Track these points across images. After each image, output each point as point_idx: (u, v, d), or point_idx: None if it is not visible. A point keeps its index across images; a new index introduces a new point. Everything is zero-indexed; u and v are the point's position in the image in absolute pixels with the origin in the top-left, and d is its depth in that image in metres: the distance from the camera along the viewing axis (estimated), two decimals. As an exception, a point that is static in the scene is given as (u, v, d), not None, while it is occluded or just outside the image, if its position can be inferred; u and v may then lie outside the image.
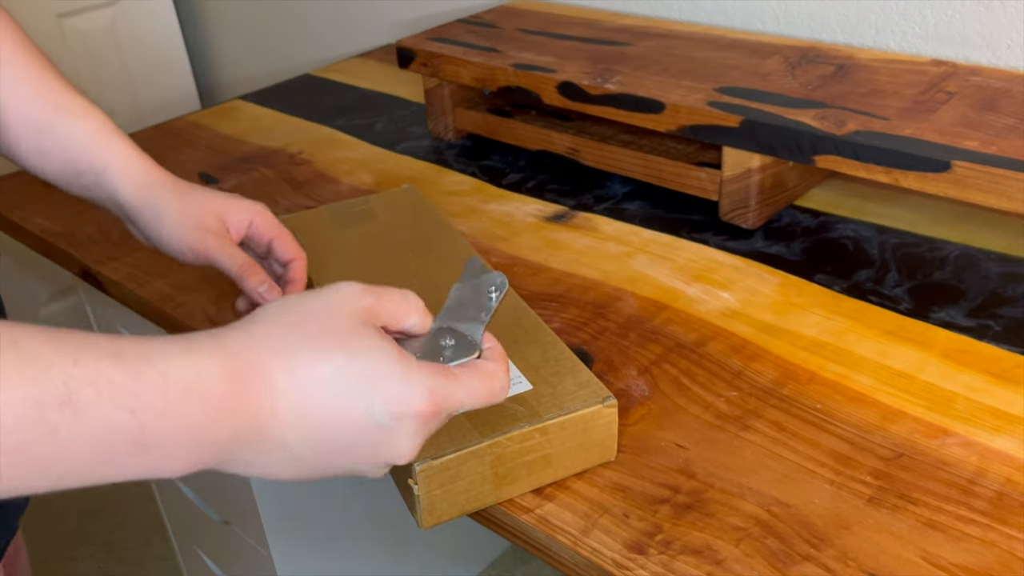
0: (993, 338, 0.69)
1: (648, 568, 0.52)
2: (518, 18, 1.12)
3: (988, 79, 0.84)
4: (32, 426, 0.31)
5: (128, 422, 0.33)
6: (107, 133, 0.64)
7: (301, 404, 0.38)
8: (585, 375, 0.59)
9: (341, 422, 0.38)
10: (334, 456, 0.39)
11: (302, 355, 0.38)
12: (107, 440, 0.33)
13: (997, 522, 0.53)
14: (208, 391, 0.35)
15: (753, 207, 0.84)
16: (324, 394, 0.38)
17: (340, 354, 0.38)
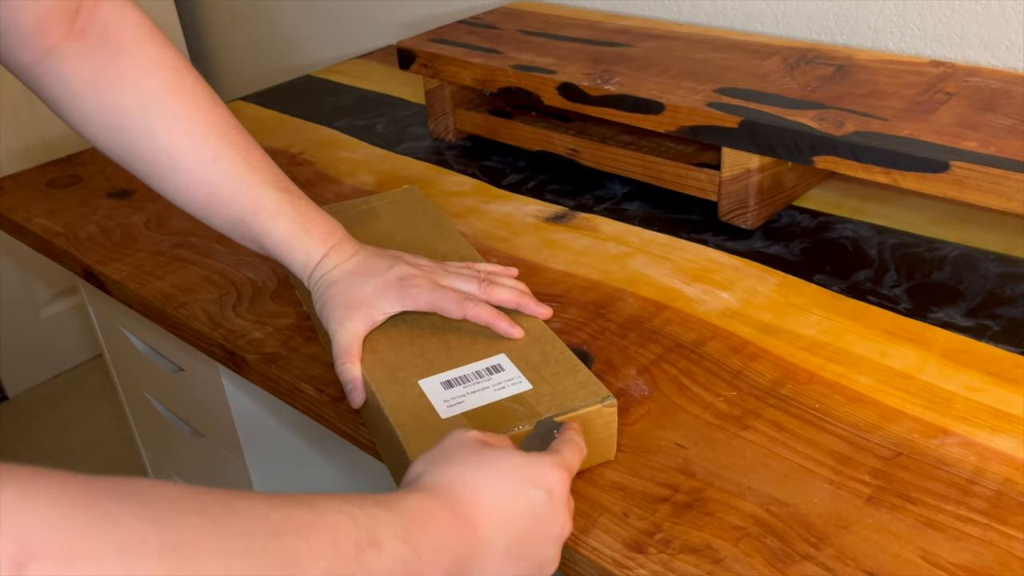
0: (992, 338, 0.69)
1: (648, 567, 0.52)
2: (518, 19, 1.12)
3: (987, 80, 0.84)
4: (356, 567, 0.39)
5: (405, 550, 0.41)
6: (292, 237, 0.67)
7: (492, 508, 0.47)
8: (584, 375, 0.60)
9: (519, 509, 0.48)
10: (526, 543, 0.47)
11: (477, 477, 0.47)
12: (393, 567, 0.40)
13: (996, 521, 0.54)
14: (439, 518, 0.44)
15: (752, 207, 0.84)
16: (502, 495, 0.47)
17: (496, 465, 0.48)
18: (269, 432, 0.97)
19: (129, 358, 1.07)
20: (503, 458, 0.49)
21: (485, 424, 0.56)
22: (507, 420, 0.56)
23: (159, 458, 1.18)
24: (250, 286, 0.82)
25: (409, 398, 0.59)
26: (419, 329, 0.66)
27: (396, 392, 0.60)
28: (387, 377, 0.61)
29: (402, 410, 0.58)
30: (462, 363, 0.62)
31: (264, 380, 0.73)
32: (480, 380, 0.61)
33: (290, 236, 0.67)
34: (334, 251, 0.68)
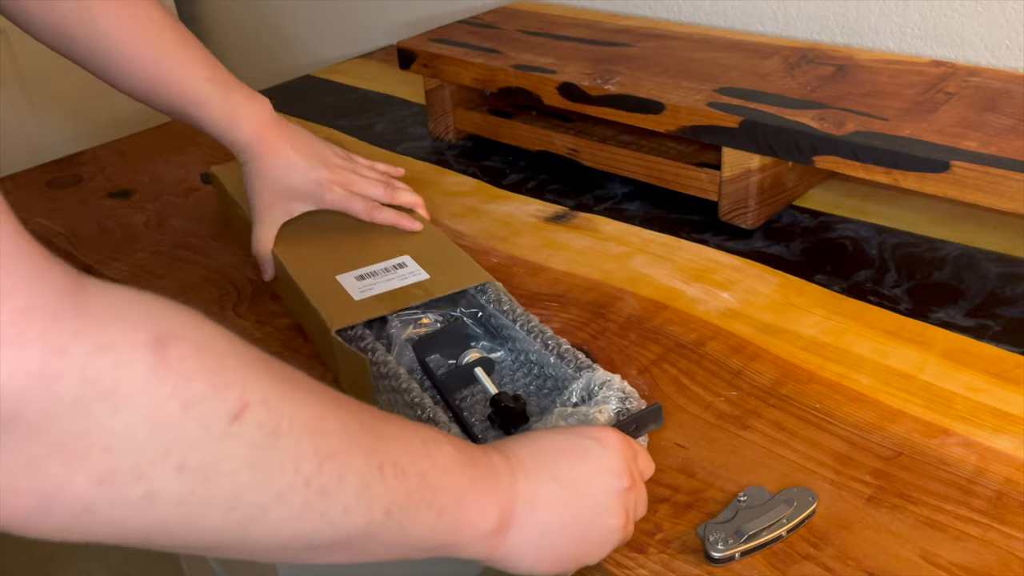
0: (992, 338, 0.69)
1: (648, 567, 0.52)
2: (518, 19, 1.12)
3: (987, 80, 0.84)
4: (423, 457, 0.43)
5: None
6: (222, 129, 0.76)
7: (540, 446, 0.49)
8: (469, 263, 0.73)
9: (570, 449, 0.49)
10: (579, 487, 0.48)
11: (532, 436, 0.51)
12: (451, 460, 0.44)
13: (996, 521, 0.54)
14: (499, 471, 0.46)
15: (752, 207, 0.84)
16: (553, 439, 0.50)
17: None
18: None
19: (129, 358, 1.07)
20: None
21: (391, 302, 0.68)
22: (408, 298, 0.69)
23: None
24: (250, 286, 0.82)
25: (328, 286, 0.71)
26: (334, 230, 0.79)
27: (317, 282, 0.72)
28: (309, 270, 0.74)
29: (324, 296, 0.70)
30: (372, 262, 0.74)
31: (264, 380, 0.73)
32: (387, 274, 0.73)
33: (220, 126, 0.75)
34: (259, 144, 0.76)
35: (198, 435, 0.32)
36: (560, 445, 0.49)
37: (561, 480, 0.47)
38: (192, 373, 0.32)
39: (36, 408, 0.29)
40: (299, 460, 0.36)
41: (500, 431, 0.61)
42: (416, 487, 0.41)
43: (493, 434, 0.61)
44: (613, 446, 0.49)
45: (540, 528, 0.46)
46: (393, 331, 0.69)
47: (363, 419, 0.40)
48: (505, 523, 0.45)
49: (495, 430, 0.61)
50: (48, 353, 0.29)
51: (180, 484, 0.32)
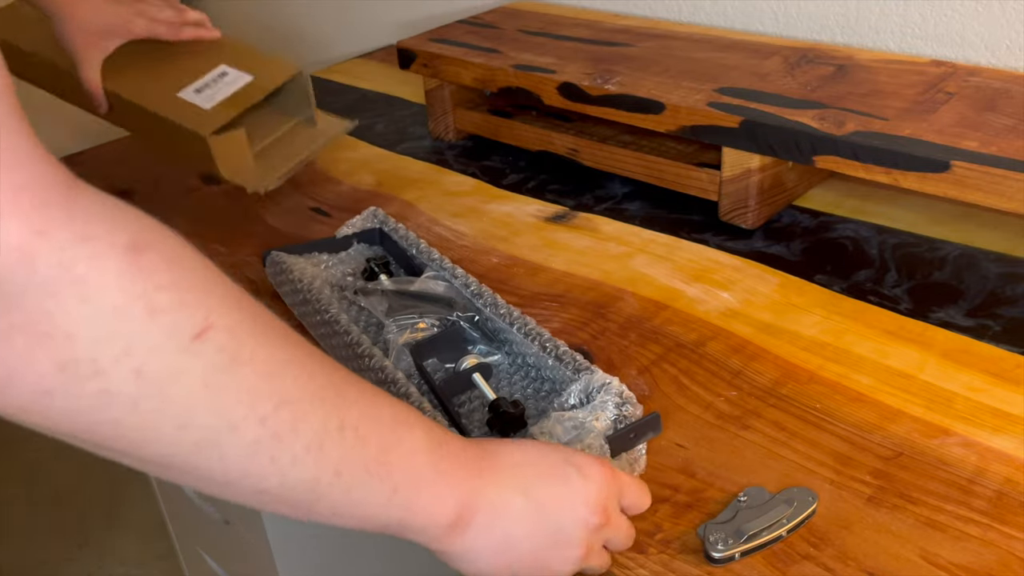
0: (992, 338, 0.69)
1: (648, 567, 0.52)
2: (518, 19, 1.12)
3: (987, 79, 0.84)
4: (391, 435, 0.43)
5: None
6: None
7: (521, 458, 0.48)
8: (282, 61, 0.93)
9: (549, 470, 0.48)
10: (547, 508, 0.47)
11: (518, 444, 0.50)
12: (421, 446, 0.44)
13: (997, 522, 0.54)
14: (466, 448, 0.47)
15: (753, 207, 0.84)
16: (534, 452, 0.49)
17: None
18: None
19: (129, 358, 1.07)
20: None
21: (235, 103, 0.85)
22: (248, 98, 0.85)
23: (159, 458, 1.18)
24: (250, 286, 0.82)
25: (175, 103, 0.84)
26: (144, 58, 0.88)
27: (163, 102, 0.84)
28: (148, 94, 0.85)
29: (178, 111, 0.83)
30: (197, 77, 0.88)
31: (264, 380, 0.73)
32: (217, 83, 0.87)
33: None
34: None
35: (159, 343, 0.33)
36: (544, 465, 0.48)
37: (533, 498, 0.47)
38: (163, 283, 0.34)
39: (10, 281, 0.30)
40: (255, 396, 0.36)
41: (499, 436, 0.61)
42: (374, 458, 0.41)
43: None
44: (596, 480, 0.49)
45: (500, 537, 0.46)
46: (390, 336, 0.69)
47: (335, 379, 0.40)
48: (464, 521, 0.45)
49: (494, 435, 0.61)
50: (30, 232, 0.30)
51: (136, 388, 0.33)
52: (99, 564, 1.60)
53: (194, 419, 0.35)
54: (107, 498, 1.74)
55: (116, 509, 1.72)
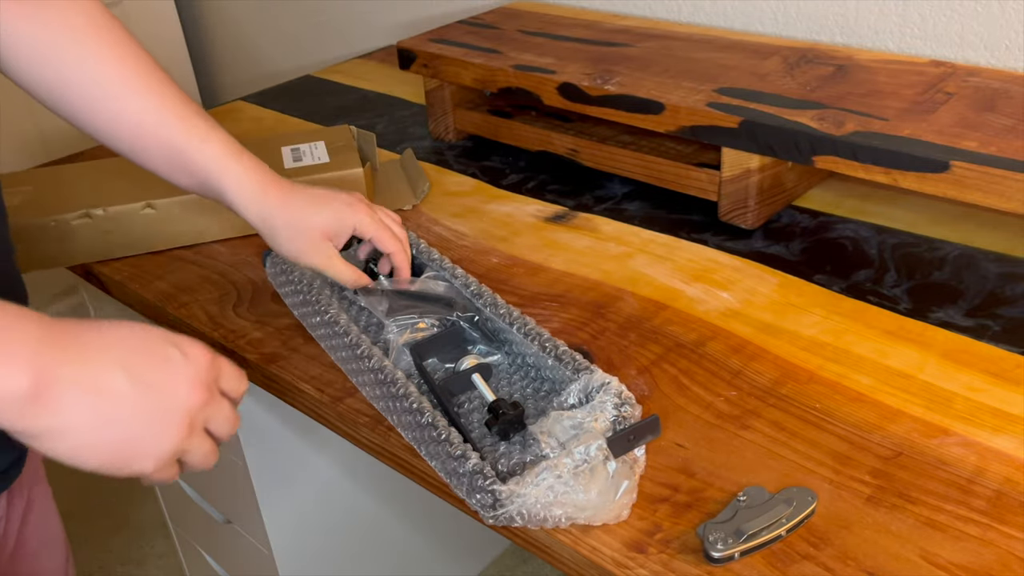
0: (992, 338, 0.69)
1: (648, 567, 0.52)
2: (518, 19, 1.12)
3: (987, 80, 0.84)
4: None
5: None
6: (226, 157, 0.69)
7: (116, 334, 0.48)
8: None
9: (144, 346, 0.48)
10: (148, 379, 0.47)
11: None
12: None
13: (996, 521, 0.54)
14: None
15: (752, 207, 0.84)
16: (132, 333, 0.49)
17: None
18: (269, 432, 0.97)
19: (129, 358, 1.07)
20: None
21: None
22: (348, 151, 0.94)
23: (159, 458, 1.18)
24: (250, 286, 0.82)
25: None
26: None
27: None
28: None
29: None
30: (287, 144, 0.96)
31: (264, 380, 0.73)
32: (302, 152, 0.95)
33: (224, 158, 0.68)
34: (271, 184, 0.69)
35: None
36: (142, 343, 0.48)
37: (134, 378, 0.46)
38: None
39: None
40: None
41: (499, 438, 0.61)
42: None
43: (490, 441, 0.61)
44: (196, 359, 0.49)
45: (94, 416, 0.45)
46: (390, 336, 0.69)
47: None
48: (44, 396, 0.43)
49: (493, 436, 0.61)
50: None
51: None
52: (99, 564, 1.60)
53: None
54: (107, 498, 1.74)
55: (116, 509, 1.72)
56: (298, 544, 1.06)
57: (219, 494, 1.08)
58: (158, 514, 1.66)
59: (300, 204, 0.70)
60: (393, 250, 0.72)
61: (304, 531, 1.06)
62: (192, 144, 0.67)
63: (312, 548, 1.09)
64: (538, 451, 0.57)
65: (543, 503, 0.53)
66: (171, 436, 0.48)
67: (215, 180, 0.68)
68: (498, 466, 0.58)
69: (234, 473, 0.99)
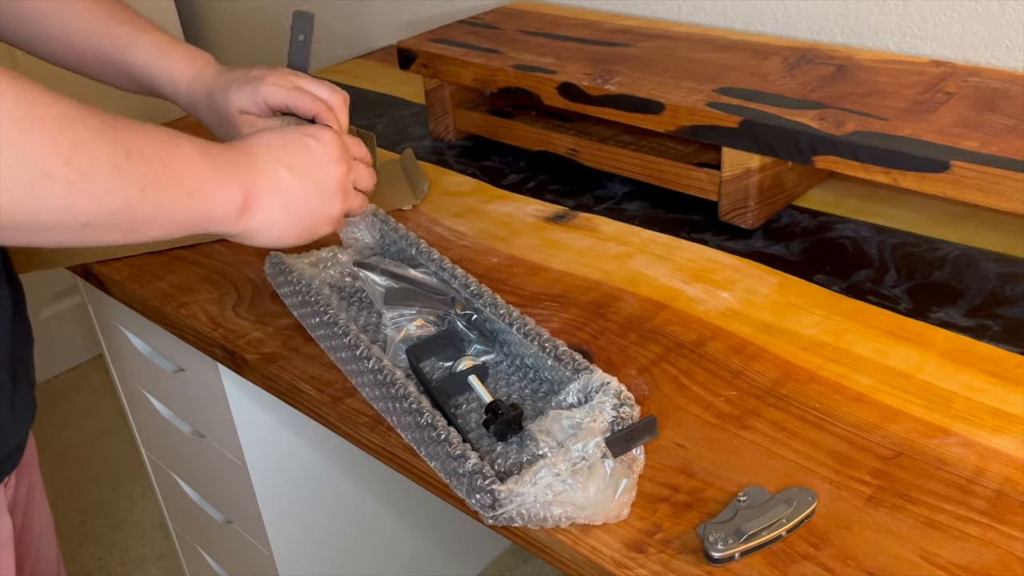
0: (992, 338, 0.69)
1: (648, 567, 0.52)
2: (518, 19, 1.12)
3: (987, 80, 0.84)
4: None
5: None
6: (154, 60, 0.74)
7: (267, 143, 0.61)
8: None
9: (292, 144, 0.62)
10: (305, 168, 0.61)
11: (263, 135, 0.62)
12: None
13: (996, 521, 0.54)
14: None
15: (752, 207, 0.84)
16: (277, 136, 0.62)
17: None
18: (269, 432, 0.97)
19: (129, 358, 1.07)
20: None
21: None
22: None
23: (159, 458, 1.18)
24: (250, 286, 0.82)
25: None
26: None
27: None
28: None
29: None
30: None
31: (264, 380, 0.73)
32: None
33: (152, 62, 0.73)
34: (198, 77, 0.74)
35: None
36: (288, 143, 0.61)
37: (293, 168, 0.60)
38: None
39: None
40: (54, 145, 0.45)
41: (496, 439, 0.61)
42: (163, 172, 0.51)
43: (487, 442, 0.61)
44: (328, 140, 0.63)
45: (280, 207, 0.59)
46: (388, 332, 0.69)
47: (104, 118, 0.49)
48: (250, 203, 0.57)
49: (490, 437, 0.61)
50: None
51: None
52: (99, 564, 1.60)
53: (15, 177, 0.43)
54: (107, 498, 1.74)
55: (116, 509, 1.72)
56: (298, 544, 1.06)
57: (219, 494, 1.08)
58: (158, 514, 1.66)
59: (222, 87, 0.74)
60: (314, 111, 0.72)
61: (304, 531, 1.06)
62: (120, 51, 0.73)
63: (312, 548, 1.09)
64: (536, 450, 0.57)
65: (542, 502, 0.53)
66: (334, 202, 0.63)
67: (149, 83, 0.74)
68: (495, 466, 0.58)
69: (234, 473, 0.99)
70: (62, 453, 1.85)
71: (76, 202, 0.47)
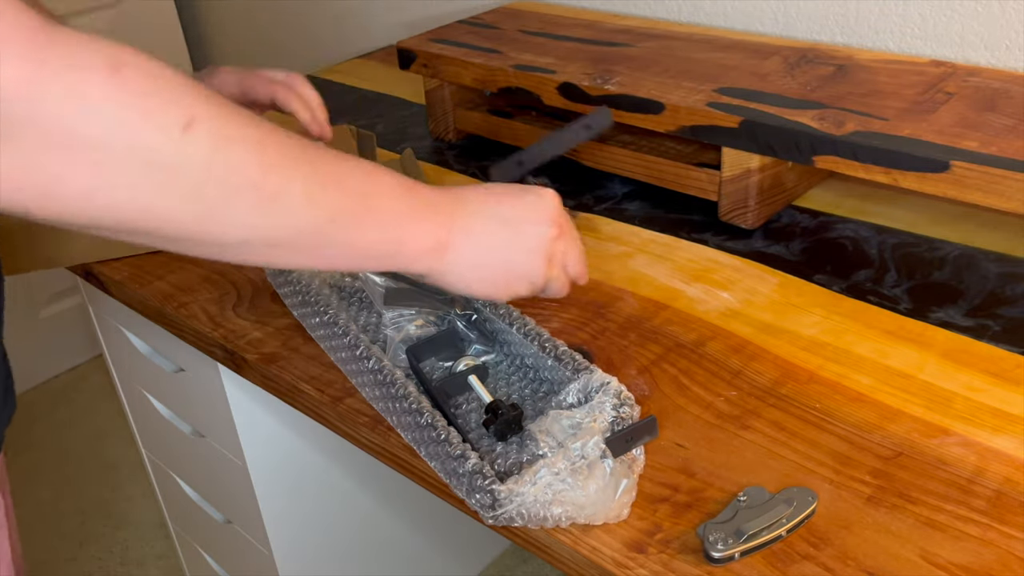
0: (992, 338, 0.69)
1: (648, 567, 0.52)
2: (518, 19, 1.12)
3: (987, 80, 0.84)
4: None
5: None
6: None
7: (484, 192, 0.59)
8: None
9: (511, 198, 0.59)
10: (512, 223, 0.58)
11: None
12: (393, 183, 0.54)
13: (996, 521, 0.54)
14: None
15: (752, 207, 0.84)
16: (494, 190, 0.60)
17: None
18: (269, 432, 0.97)
19: (129, 358, 1.07)
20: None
21: None
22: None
23: (159, 458, 1.18)
24: (250, 286, 0.82)
25: None
26: None
27: None
28: None
29: None
30: None
31: (264, 380, 0.73)
32: None
33: None
34: None
35: (157, 138, 0.41)
36: (505, 192, 0.59)
37: (498, 217, 0.57)
38: (145, 91, 0.41)
39: (23, 106, 0.36)
40: (251, 166, 0.45)
41: (496, 439, 0.61)
42: (358, 203, 0.51)
43: (487, 442, 0.61)
44: (549, 197, 0.59)
45: (476, 251, 0.56)
46: (388, 332, 0.69)
47: (303, 145, 0.49)
48: (443, 243, 0.55)
49: (490, 437, 0.61)
50: (33, 63, 0.36)
51: (152, 177, 0.41)
52: (99, 564, 1.60)
53: (205, 194, 0.43)
54: (107, 498, 1.74)
55: (116, 509, 1.72)
56: (298, 544, 1.06)
57: (219, 494, 1.08)
58: (158, 514, 1.66)
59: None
60: (270, 92, 0.72)
61: (304, 531, 1.06)
62: None
63: (312, 548, 1.09)
64: (536, 450, 0.57)
65: (542, 501, 0.53)
66: (535, 261, 0.59)
67: None
68: (495, 466, 0.58)
69: (234, 473, 0.99)
70: (62, 453, 1.85)
71: (264, 221, 0.47)
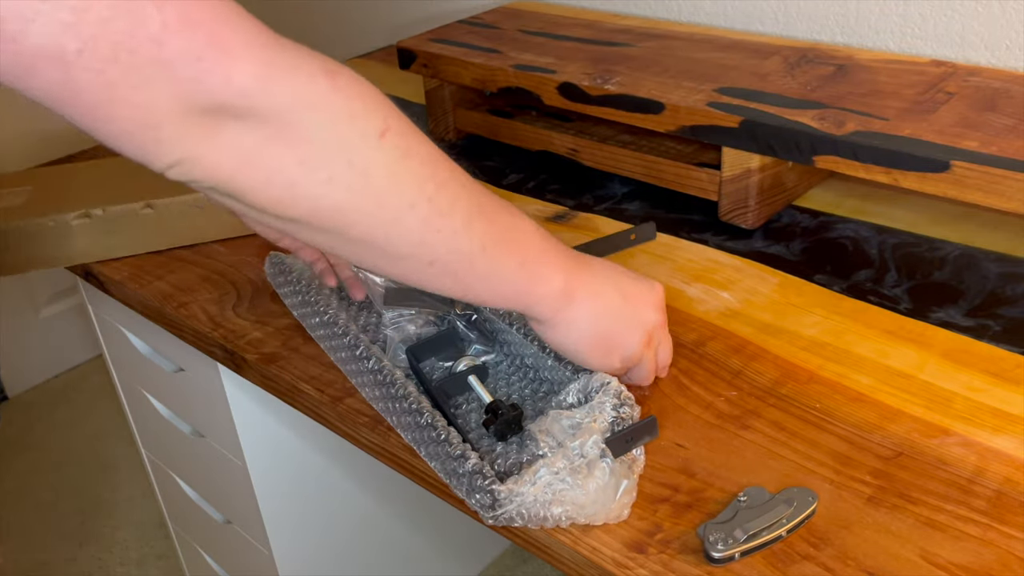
0: (992, 338, 0.69)
1: (648, 567, 0.52)
2: (518, 19, 1.12)
3: (987, 79, 0.84)
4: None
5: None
6: None
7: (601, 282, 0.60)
8: None
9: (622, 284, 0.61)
10: (620, 305, 0.60)
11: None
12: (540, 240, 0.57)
13: (996, 521, 0.54)
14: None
15: (752, 207, 0.84)
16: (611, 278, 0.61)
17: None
18: (269, 432, 0.97)
19: (129, 358, 1.07)
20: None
21: None
22: None
23: (159, 458, 1.18)
24: (250, 286, 0.82)
25: None
26: None
27: None
28: None
29: None
30: None
31: (264, 380, 0.73)
32: None
33: None
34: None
35: (359, 141, 0.46)
36: (624, 269, 0.62)
37: (619, 289, 0.60)
38: (353, 95, 0.46)
39: (259, 103, 0.41)
40: (423, 180, 0.49)
41: (496, 439, 0.61)
42: (504, 235, 0.53)
43: (487, 442, 0.61)
44: (660, 291, 0.62)
45: (592, 310, 0.58)
46: (388, 332, 0.69)
47: (460, 170, 0.53)
48: (568, 293, 0.57)
49: (490, 437, 0.61)
50: (264, 64, 0.41)
51: (349, 176, 0.45)
52: (99, 564, 1.60)
53: (387, 200, 0.47)
54: (107, 498, 1.74)
55: (116, 509, 1.72)
56: (298, 544, 1.06)
57: (219, 494, 1.08)
58: (158, 514, 1.66)
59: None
60: (311, 259, 0.74)
61: (304, 531, 1.06)
62: None
63: (312, 548, 1.09)
64: (536, 450, 0.57)
65: (542, 501, 0.53)
66: (636, 337, 0.60)
67: None
68: (495, 466, 0.58)
69: (234, 473, 0.99)
70: (62, 453, 1.85)
71: (427, 236, 0.49)
